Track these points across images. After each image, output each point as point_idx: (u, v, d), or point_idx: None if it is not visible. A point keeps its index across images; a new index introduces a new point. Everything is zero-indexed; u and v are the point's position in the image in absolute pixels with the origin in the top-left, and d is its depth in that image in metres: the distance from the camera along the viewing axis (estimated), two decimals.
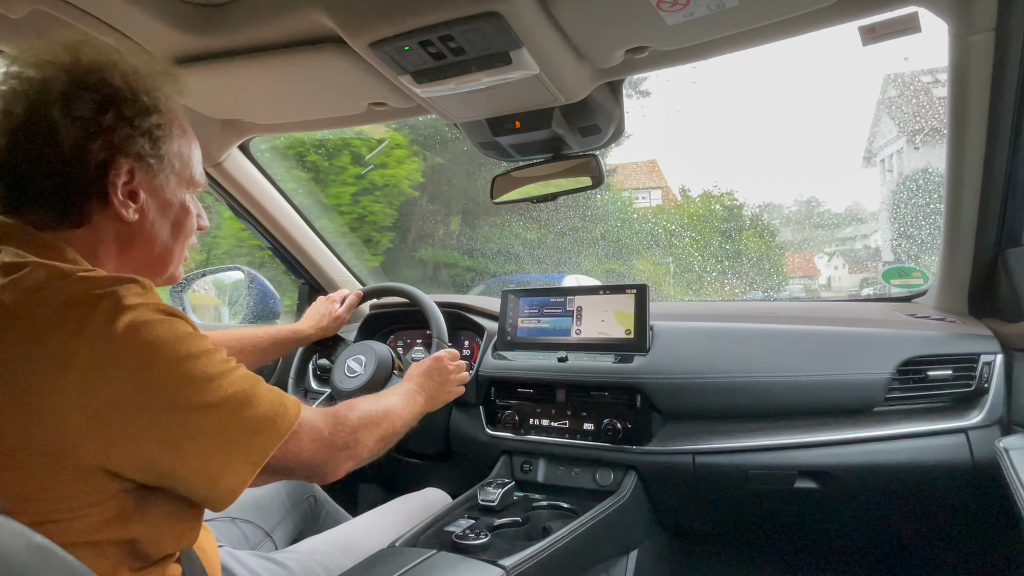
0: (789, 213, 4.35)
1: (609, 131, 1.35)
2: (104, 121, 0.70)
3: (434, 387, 1.24)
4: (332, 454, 0.81)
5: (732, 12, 0.94)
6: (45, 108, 0.68)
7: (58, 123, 0.68)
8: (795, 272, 4.17)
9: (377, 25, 0.96)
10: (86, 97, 0.69)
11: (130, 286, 0.64)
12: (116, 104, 0.71)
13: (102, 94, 0.71)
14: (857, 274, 4.04)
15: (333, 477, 0.83)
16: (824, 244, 4.23)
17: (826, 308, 1.59)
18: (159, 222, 0.79)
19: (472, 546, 1.05)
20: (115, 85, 0.71)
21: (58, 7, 1.00)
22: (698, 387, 1.32)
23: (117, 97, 0.71)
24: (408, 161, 4.74)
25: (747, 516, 1.45)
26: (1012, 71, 1.01)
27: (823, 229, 4.23)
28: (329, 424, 0.82)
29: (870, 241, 4.07)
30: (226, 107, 1.40)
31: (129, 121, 0.72)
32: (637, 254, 4.11)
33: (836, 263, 4.18)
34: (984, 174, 1.13)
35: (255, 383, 0.72)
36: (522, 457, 1.50)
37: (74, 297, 0.61)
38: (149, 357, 0.62)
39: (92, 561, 0.62)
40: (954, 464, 1.16)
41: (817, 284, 4.13)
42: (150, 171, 0.75)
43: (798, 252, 4.20)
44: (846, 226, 4.20)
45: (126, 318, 0.61)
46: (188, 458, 0.64)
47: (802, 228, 4.30)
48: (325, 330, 1.55)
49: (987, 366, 1.19)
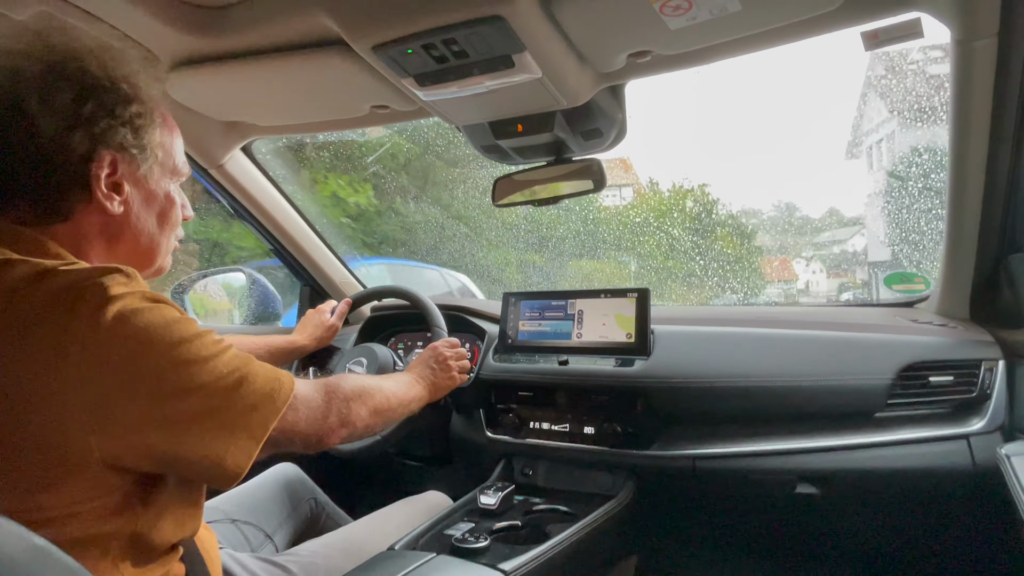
0: (767, 219, 4.28)
1: (611, 135, 1.35)
2: (84, 111, 0.68)
3: (432, 375, 1.24)
4: (326, 422, 0.83)
5: (735, 17, 0.94)
6: (21, 100, 0.66)
7: (36, 115, 0.66)
8: (772, 276, 4.08)
9: (380, 28, 0.96)
10: (64, 87, 0.67)
11: (114, 276, 0.64)
12: (95, 93, 0.69)
13: (80, 83, 0.68)
14: (835, 278, 4.04)
15: (327, 445, 0.85)
16: (802, 249, 4.17)
17: (828, 313, 1.59)
18: (144, 214, 0.77)
19: (472, 549, 1.04)
20: (93, 73, 0.69)
21: (63, 9, 1.00)
22: (699, 391, 1.31)
23: (96, 86, 0.69)
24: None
25: (747, 521, 1.45)
26: (1015, 77, 1.01)
27: (801, 235, 4.18)
28: (322, 393, 0.84)
29: (847, 246, 4.08)
30: (229, 109, 1.41)
31: (109, 111, 0.70)
32: (592, 253, 3.87)
33: (814, 267, 4.17)
34: (987, 180, 1.13)
35: (248, 361, 0.72)
36: (522, 460, 1.50)
37: (59, 291, 0.61)
38: (141, 345, 0.62)
39: (95, 557, 0.62)
40: (955, 470, 1.16)
41: (795, 289, 4.06)
42: (133, 162, 0.74)
43: (775, 257, 4.12)
44: (824, 231, 4.19)
45: (114, 308, 0.61)
46: (191, 441, 0.64)
47: (780, 233, 4.22)
48: (321, 340, 1.56)
49: (989, 372, 1.19)
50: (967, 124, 1.09)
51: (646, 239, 3.90)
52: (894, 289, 1.56)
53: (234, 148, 1.62)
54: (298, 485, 1.37)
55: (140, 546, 0.67)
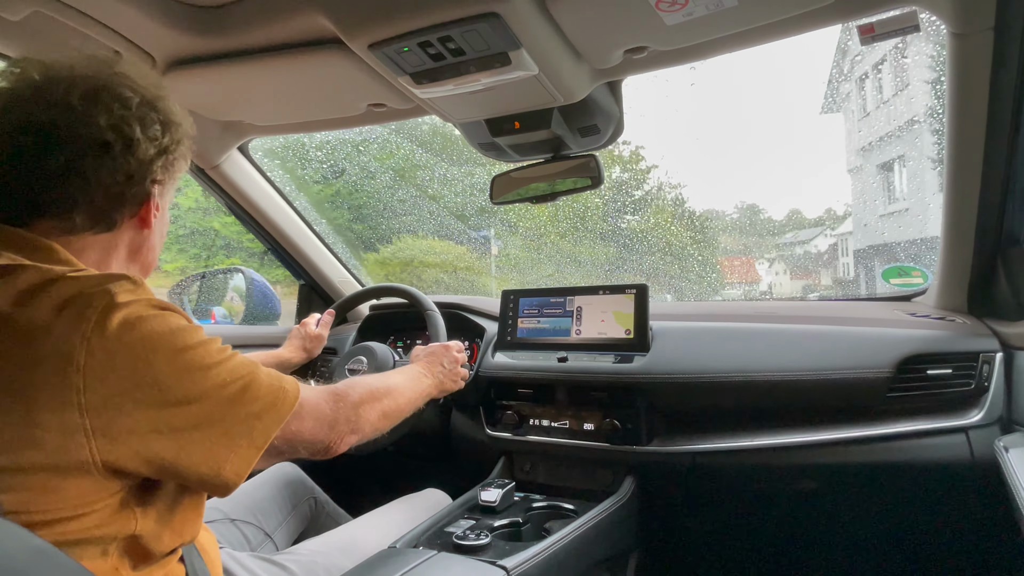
0: (729, 220, 3.88)
1: (608, 131, 1.35)
2: (165, 142, 0.77)
3: (442, 373, 1.25)
4: (334, 430, 0.83)
5: (731, 12, 0.94)
6: (126, 124, 0.72)
7: (138, 140, 0.73)
8: (733, 278, 3.78)
9: (376, 26, 0.96)
10: (155, 118, 0.76)
11: (121, 283, 0.65)
12: (171, 127, 0.78)
13: (163, 116, 0.77)
14: (799, 280, 3.91)
15: (335, 452, 0.85)
16: (766, 250, 3.87)
17: (826, 307, 1.59)
18: (161, 230, 0.84)
19: (472, 547, 1.05)
20: (170, 109, 0.78)
21: (58, 9, 1.00)
22: (698, 387, 1.31)
23: (171, 121, 0.78)
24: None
25: (747, 516, 1.45)
26: (1011, 70, 1.01)
27: (763, 236, 3.89)
28: (330, 401, 0.84)
29: (810, 247, 3.96)
30: (225, 109, 1.40)
31: (179, 143, 0.80)
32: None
33: (777, 268, 4.00)
34: (983, 173, 1.13)
35: (253, 369, 0.72)
36: (522, 457, 1.50)
37: (67, 297, 0.62)
38: (146, 352, 0.63)
39: (95, 560, 0.62)
40: (954, 463, 1.16)
41: (758, 291, 3.81)
42: (166, 184, 0.81)
43: (736, 257, 3.81)
44: (786, 232, 4.05)
45: (120, 315, 0.62)
46: (193, 448, 0.65)
47: (742, 234, 3.86)
48: (310, 351, 1.57)
49: (987, 365, 1.19)
50: (964, 118, 1.09)
51: (539, 212, 2.85)
52: (892, 283, 1.56)
53: (231, 148, 1.62)
54: (298, 484, 1.37)
55: (139, 549, 0.67)
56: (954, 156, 1.15)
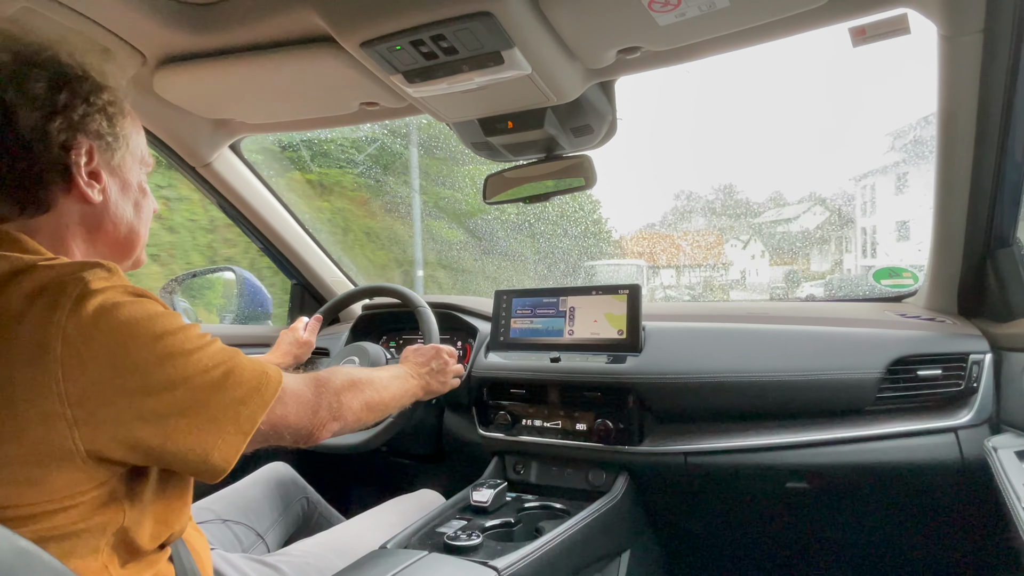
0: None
1: (602, 131, 1.35)
2: (59, 100, 0.68)
3: (429, 374, 1.24)
4: (316, 415, 0.83)
5: (723, 13, 0.95)
6: None
7: (15, 105, 0.65)
8: (701, 260, 3.12)
9: (368, 24, 0.96)
10: (37, 75, 0.67)
11: (95, 270, 0.63)
12: (68, 81, 0.69)
13: (53, 72, 0.68)
14: (780, 266, 3.32)
15: (318, 439, 0.84)
16: (740, 232, 3.28)
17: (817, 308, 1.60)
18: (122, 202, 0.77)
19: (464, 547, 1.04)
20: (64, 62, 0.69)
21: (47, 6, 0.99)
22: (690, 387, 1.32)
23: (68, 74, 0.69)
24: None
25: (739, 516, 1.46)
26: (1000, 73, 1.01)
27: (739, 218, 3.34)
28: (312, 387, 0.84)
29: (793, 226, 3.40)
30: (217, 107, 1.39)
31: (84, 98, 0.70)
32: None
33: (753, 251, 3.33)
34: (973, 175, 1.14)
35: (234, 354, 0.72)
36: (514, 458, 1.50)
37: (40, 286, 0.60)
38: (124, 338, 0.61)
39: (84, 558, 0.62)
40: (944, 463, 1.17)
41: (727, 280, 3.10)
42: (108, 150, 0.74)
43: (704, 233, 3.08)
44: (766, 210, 3.52)
45: (95, 302, 0.60)
46: (178, 435, 0.64)
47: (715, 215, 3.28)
48: (298, 357, 1.54)
49: (976, 365, 1.20)
50: (953, 120, 1.10)
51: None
52: (882, 284, 1.57)
53: (222, 146, 1.61)
54: (290, 484, 1.36)
55: (127, 544, 0.66)
56: (944, 157, 1.16)
